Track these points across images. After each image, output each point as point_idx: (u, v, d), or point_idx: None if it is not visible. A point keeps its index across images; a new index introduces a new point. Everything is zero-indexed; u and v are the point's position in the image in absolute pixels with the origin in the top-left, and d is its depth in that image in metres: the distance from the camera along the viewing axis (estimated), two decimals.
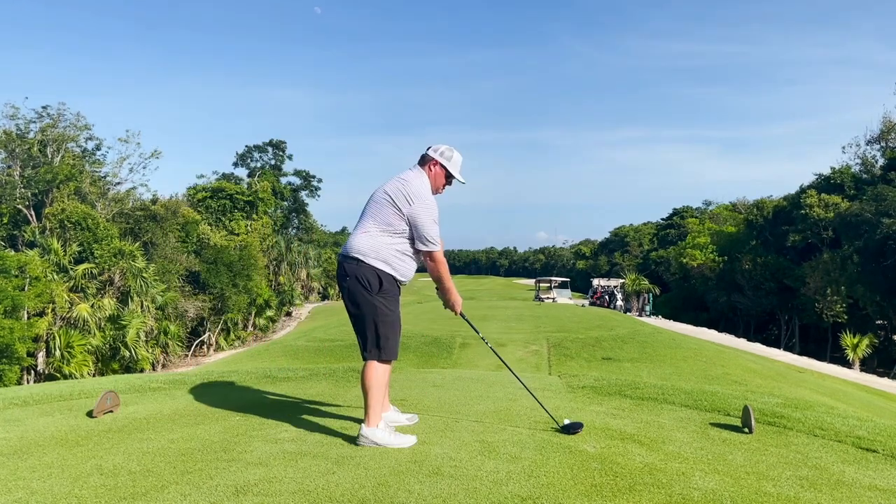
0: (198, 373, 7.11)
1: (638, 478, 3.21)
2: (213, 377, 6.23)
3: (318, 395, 5.39)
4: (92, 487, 2.91)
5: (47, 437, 3.82)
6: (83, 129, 36.76)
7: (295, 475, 3.07)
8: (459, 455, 3.48)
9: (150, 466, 3.20)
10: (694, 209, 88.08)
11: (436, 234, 3.78)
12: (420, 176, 3.83)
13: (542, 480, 3.12)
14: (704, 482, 3.17)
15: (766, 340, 47.62)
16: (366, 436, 3.67)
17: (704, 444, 3.94)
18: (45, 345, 28.38)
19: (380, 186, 3.86)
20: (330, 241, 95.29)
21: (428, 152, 3.91)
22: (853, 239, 40.79)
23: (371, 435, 3.67)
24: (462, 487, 2.97)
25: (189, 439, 3.73)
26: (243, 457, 3.38)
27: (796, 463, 3.66)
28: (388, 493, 2.87)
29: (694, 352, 20.25)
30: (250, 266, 45.24)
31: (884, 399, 21.89)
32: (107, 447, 3.59)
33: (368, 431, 3.68)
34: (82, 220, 31.08)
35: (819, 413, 5.12)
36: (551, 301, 52.03)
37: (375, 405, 3.72)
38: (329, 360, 16.09)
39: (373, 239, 3.74)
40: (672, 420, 4.62)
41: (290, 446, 3.58)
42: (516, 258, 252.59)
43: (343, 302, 3.85)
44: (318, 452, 3.46)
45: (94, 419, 4.28)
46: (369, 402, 3.70)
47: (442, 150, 3.91)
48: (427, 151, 3.92)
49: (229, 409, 4.62)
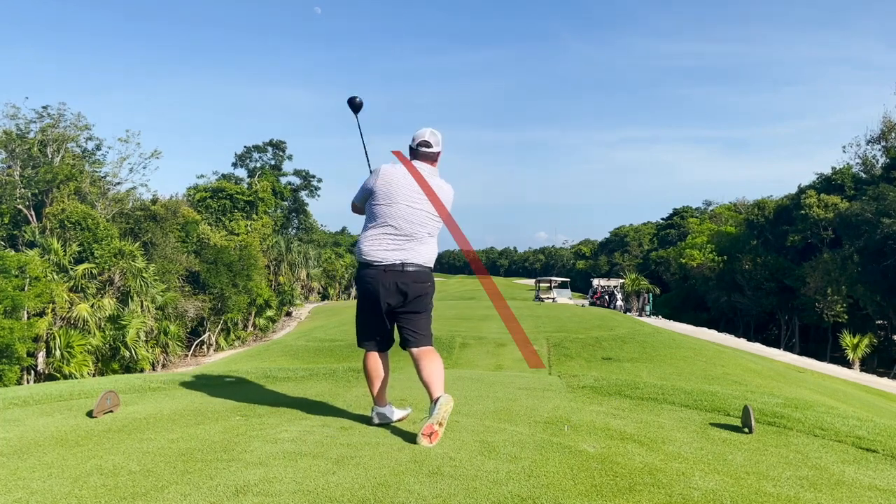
0: (198, 373, 7.12)
1: (638, 478, 3.21)
2: (213, 377, 6.23)
3: (318, 395, 5.39)
4: (92, 487, 2.91)
5: (47, 437, 3.82)
6: (83, 129, 36.78)
7: (295, 475, 3.07)
8: (459, 455, 3.48)
9: (150, 466, 3.20)
10: (694, 209, 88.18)
11: None
12: (436, 177, 4.05)
13: (541, 480, 3.12)
14: (704, 482, 3.17)
15: (766, 340, 47.62)
16: None
17: (704, 444, 3.94)
18: (44, 345, 28.38)
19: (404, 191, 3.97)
20: (330, 241, 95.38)
21: (433, 149, 4.08)
22: (854, 239, 40.80)
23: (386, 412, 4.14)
24: (462, 487, 2.97)
25: (189, 439, 3.73)
26: (243, 457, 3.38)
27: (796, 463, 3.66)
28: (388, 493, 2.87)
29: (694, 352, 20.26)
30: (250, 266, 45.27)
31: (884, 399, 21.90)
32: (107, 447, 3.59)
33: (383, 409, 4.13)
34: (82, 220, 31.08)
35: (819, 413, 5.12)
36: (551, 301, 52.07)
37: None
38: (329, 360, 16.10)
39: (428, 246, 4.02)
40: (672, 420, 4.62)
41: (290, 446, 3.58)
42: (516, 258, 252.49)
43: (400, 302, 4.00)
44: (318, 452, 3.46)
45: (93, 419, 4.28)
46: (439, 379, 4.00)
47: (440, 138, 4.11)
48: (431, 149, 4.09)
49: (229, 409, 4.62)
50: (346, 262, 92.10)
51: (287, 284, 62.80)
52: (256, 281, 46.51)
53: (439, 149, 4.05)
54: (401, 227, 3.91)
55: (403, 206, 3.91)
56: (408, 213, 3.92)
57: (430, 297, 4.03)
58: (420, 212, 3.94)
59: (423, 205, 3.92)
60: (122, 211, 37.79)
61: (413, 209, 3.92)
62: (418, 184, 3.96)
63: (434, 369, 3.96)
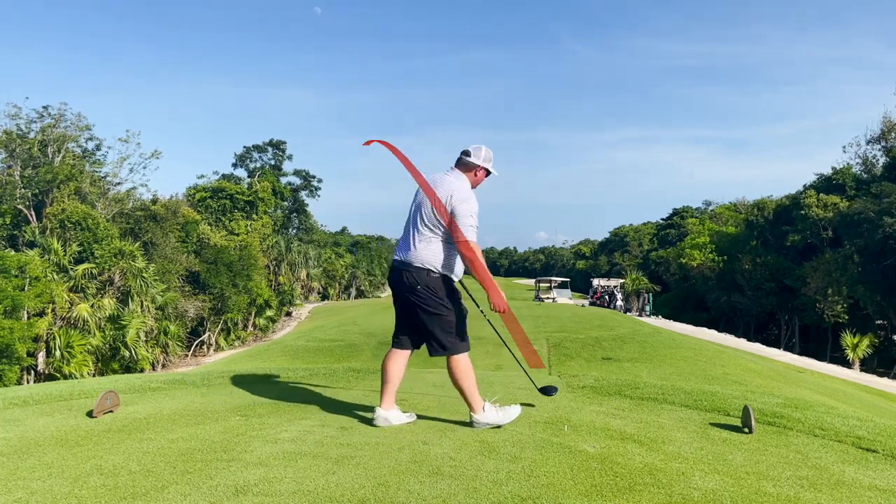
0: (198, 373, 7.12)
1: (638, 478, 3.22)
2: (213, 377, 6.23)
3: (317, 395, 5.38)
4: (92, 487, 2.91)
5: (47, 437, 3.82)
6: (84, 129, 36.80)
7: (295, 475, 3.07)
8: (459, 455, 3.48)
9: (150, 466, 3.21)
10: (694, 209, 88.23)
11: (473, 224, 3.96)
12: (460, 179, 4.04)
13: (541, 480, 3.12)
14: (704, 482, 3.17)
15: (766, 340, 47.61)
16: (479, 421, 4.02)
17: (704, 444, 3.94)
18: (44, 345, 28.39)
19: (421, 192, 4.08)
20: (330, 241, 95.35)
21: (471, 159, 4.09)
22: (854, 238, 40.78)
23: (482, 419, 4.02)
24: (462, 487, 2.97)
25: (189, 439, 3.73)
26: (243, 457, 3.38)
27: (796, 463, 3.66)
28: (388, 493, 2.87)
29: (694, 352, 20.26)
30: (250, 266, 45.27)
31: (884, 399, 21.90)
32: (106, 447, 3.59)
33: (478, 416, 4.02)
34: (82, 220, 31.10)
35: (819, 413, 5.12)
36: (551, 301, 52.11)
37: (474, 392, 4.03)
38: (329, 361, 16.08)
39: (434, 245, 3.97)
40: (672, 420, 4.62)
41: (290, 446, 3.59)
42: (516, 258, 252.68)
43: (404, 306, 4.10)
44: (318, 452, 3.46)
45: (94, 419, 4.28)
46: (468, 392, 3.99)
47: (483, 154, 4.12)
48: (469, 158, 4.09)
49: (229, 409, 4.62)
50: (346, 261, 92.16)
51: (287, 284, 62.78)
52: (256, 281, 46.52)
53: (478, 162, 4.11)
54: (406, 227, 4.10)
55: (412, 208, 4.08)
56: (412, 213, 4.07)
57: (431, 302, 3.97)
58: (419, 211, 4.00)
59: (424, 204, 3.98)
60: (122, 211, 37.79)
61: (416, 209, 4.03)
62: (416, 180, 4.09)
63: (455, 381, 4.04)
